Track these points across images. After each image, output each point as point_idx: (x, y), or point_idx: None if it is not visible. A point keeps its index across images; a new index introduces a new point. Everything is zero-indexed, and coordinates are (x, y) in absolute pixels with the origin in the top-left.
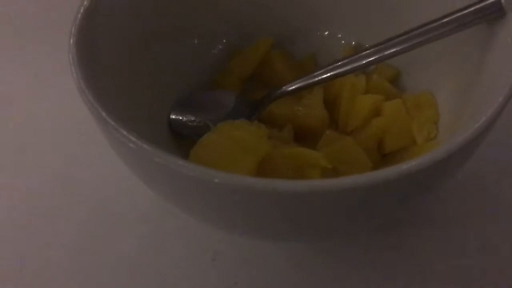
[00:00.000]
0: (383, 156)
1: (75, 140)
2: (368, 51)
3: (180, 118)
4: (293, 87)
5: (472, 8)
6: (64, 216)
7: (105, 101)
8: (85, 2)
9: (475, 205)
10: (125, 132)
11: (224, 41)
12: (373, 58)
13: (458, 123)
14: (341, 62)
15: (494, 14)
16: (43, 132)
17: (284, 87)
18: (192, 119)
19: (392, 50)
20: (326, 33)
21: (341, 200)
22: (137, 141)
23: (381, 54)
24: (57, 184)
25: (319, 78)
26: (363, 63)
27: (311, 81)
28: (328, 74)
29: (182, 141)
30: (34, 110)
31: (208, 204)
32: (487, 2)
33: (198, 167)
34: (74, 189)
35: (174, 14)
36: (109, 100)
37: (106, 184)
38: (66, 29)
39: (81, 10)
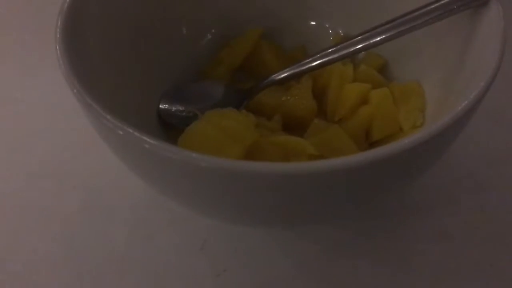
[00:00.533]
0: (370, 144)
1: (64, 131)
2: (355, 39)
3: (169, 108)
4: (282, 76)
5: None
6: (53, 206)
7: (93, 90)
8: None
9: (459, 192)
10: (111, 119)
11: (212, 31)
12: (360, 46)
13: (442, 110)
14: (329, 51)
15: (477, 2)
16: (32, 123)
17: (272, 76)
18: (181, 109)
19: (378, 38)
20: (313, 23)
21: (324, 181)
22: (124, 127)
23: (368, 42)
24: (46, 175)
25: (307, 66)
26: (351, 51)
27: (299, 69)
28: (316, 62)
29: (171, 131)
30: (23, 103)
31: (196, 189)
32: None
33: (185, 152)
34: (64, 180)
35: (162, 5)
36: (96, 89)
37: (95, 174)
38: (53, 20)
39: (67, 1)
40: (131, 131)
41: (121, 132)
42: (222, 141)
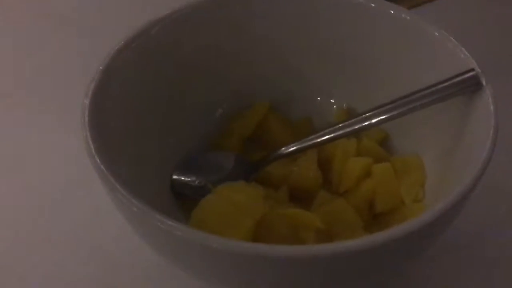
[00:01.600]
0: (374, 216)
1: (79, 199)
2: (358, 118)
3: (182, 178)
4: (290, 150)
5: (452, 81)
6: (67, 275)
7: (113, 165)
8: (97, 75)
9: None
10: (132, 198)
11: (224, 106)
12: (362, 124)
13: (442, 187)
14: (334, 128)
15: (472, 87)
16: (47, 189)
17: (280, 150)
18: (193, 179)
19: (380, 118)
20: (318, 98)
21: (329, 264)
22: (142, 206)
23: (370, 121)
24: (61, 242)
25: (314, 141)
26: (354, 129)
27: (306, 144)
28: (322, 139)
29: (184, 200)
30: (43, 168)
31: (208, 266)
32: (466, 75)
33: (197, 233)
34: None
35: (178, 83)
36: (116, 163)
37: (110, 240)
38: (77, 92)
39: (94, 79)
40: (145, 208)
41: (136, 210)
42: (234, 215)
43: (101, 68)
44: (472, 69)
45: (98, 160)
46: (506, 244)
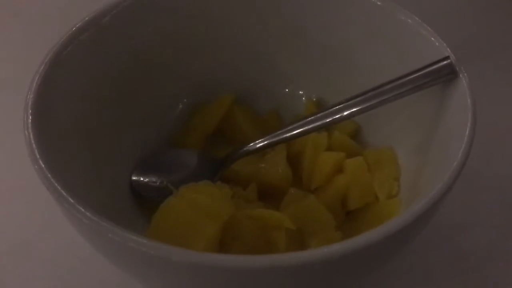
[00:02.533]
0: (347, 213)
1: (31, 205)
2: (329, 111)
3: (142, 179)
4: (257, 146)
5: (426, 70)
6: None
7: (59, 169)
8: (41, 68)
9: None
10: (80, 207)
11: (185, 100)
12: (334, 117)
13: (419, 181)
14: (303, 122)
15: (447, 76)
16: None
17: (247, 146)
18: (154, 180)
19: (352, 110)
20: (286, 90)
21: (298, 273)
22: (91, 216)
23: (341, 114)
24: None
25: (283, 136)
26: (325, 122)
27: (274, 139)
28: (292, 133)
29: (144, 202)
30: None
31: (169, 280)
32: (441, 64)
33: (154, 244)
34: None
35: (133, 76)
36: (63, 166)
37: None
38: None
39: (37, 77)
40: (95, 219)
41: (86, 221)
42: (198, 220)
43: (46, 60)
44: (447, 57)
45: (42, 164)
46: (480, 237)
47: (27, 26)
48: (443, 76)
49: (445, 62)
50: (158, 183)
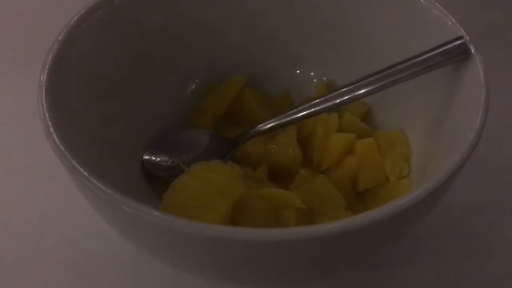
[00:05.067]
0: (357, 193)
1: (43, 181)
2: (340, 91)
3: (153, 158)
4: (267, 126)
5: (439, 50)
6: (34, 260)
7: (74, 145)
8: (55, 46)
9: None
10: (94, 180)
11: (197, 80)
12: (345, 98)
13: (430, 163)
14: (314, 102)
15: (460, 56)
16: (9, 173)
17: (258, 127)
18: (165, 159)
19: (363, 90)
20: (298, 71)
21: (310, 247)
22: (106, 189)
23: (352, 94)
24: (26, 230)
25: (293, 117)
26: (336, 103)
27: (285, 120)
28: (302, 114)
29: (155, 182)
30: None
31: (181, 253)
32: (454, 44)
33: (167, 217)
34: (45, 233)
35: (146, 56)
36: (78, 143)
37: (77, 226)
38: (35, 70)
39: (51, 55)
40: (110, 191)
41: (102, 195)
42: (209, 197)
43: (60, 38)
44: (460, 37)
45: (57, 140)
46: (492, 220)
47: (40, 4)
48: (456, 56)
49: (458, 42)
50: (169, 163)
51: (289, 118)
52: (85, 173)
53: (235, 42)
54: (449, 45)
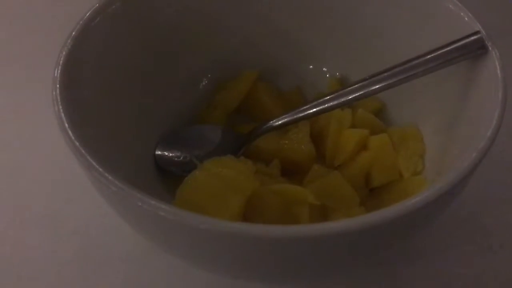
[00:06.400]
0: (370, 190)
1: (56, 178)
2: (353, 87)
3: (166, 154)
4: (280, 122)
5: (456, 45)
6: (47, 255)
7: (88, 140)
8: (69, 42)
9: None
10: (109, 176)
11: (209, 75)
12: (358, 93)
13: (445, 159)
14: (327, 98)
15: (477, 51)
16: (23, 169)
17: (271, 122)
18: (178, 155)
19: (377, 86)
20: (311, 66)
21: (325, 244)
22: (121, 185)
23: (366, 90)
24: (40, 223)
25: (306, 113)
26: (349, 99)
27: (298, 116)
28: (315, 109)
29: (168, 177)
30: (13, 146)
31: (193, 248)
32: (471, 39)
33: (182, 212)
34: (58, 228)
35: (158, 51)
36: (91, 139)
37: (90, 220)
38: (50, 65)
39: (65, 50)
40: (124, 187)
41: (115, 189)
42: (222, 193)
43: (73, 33)
44: (477, 32)
45: (72, 136)
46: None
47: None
48: (473, 51)
49: (475, 37)
50: (181, 158)
51: (302, 114)
52: (100, 169)
53: (248, 38)
54: (466, 40)
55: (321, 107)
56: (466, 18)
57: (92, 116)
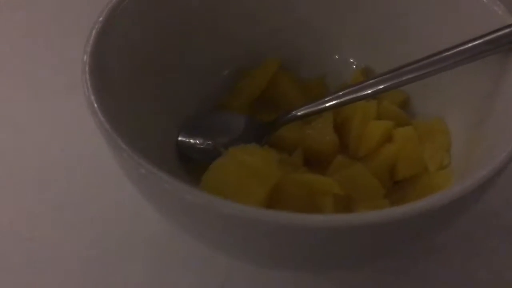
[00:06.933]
0: (394, 182)
1: (81, 160)
2: (379, 78)
3: (188, 140)
4: (303, 112)
5: (485, 38)
6: (69, 238)
7: (117, 124)
8: (97, 25)
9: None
10: (137, 158)
11: (232, 63)
12: (384, 85)
13: (472, 155)
14: (352, 89)
15: (507, 45)
16: (46, 154)
17: (294, 112)
18: (201, 141)
19: (404, 78)
20: (336, 56)
21: (349, 235)
22: (149, 167)
23: (392, 82)
24: (63, 206)
25: (331, 103)
26: (375, 90)
27: (322, 106)
28: (339, 100)
29: (190, 164)
30: (38, 132)
31: (218, 233)
32: (501, 32)
33: (207, 196)
34: (80, 212)
35: (183, 39)
36: (120, 122)
37: (111, 205)
38: (75, 48)
39: (93, 33)
40: (153, 169)
41: (143, 171)
42: (247, 180)
43: (101, 17)
44: (510, 25)
45: (102, 118)
46: None
47: None
48: (504, 44)
49: (507, 30)
50: (204, 145)
51: (326, 104)
52: (129, 150)
53: (272, 26)
54: (497, 33)
55: (346, 97)
56: (499, 12)
57: (119, 99)
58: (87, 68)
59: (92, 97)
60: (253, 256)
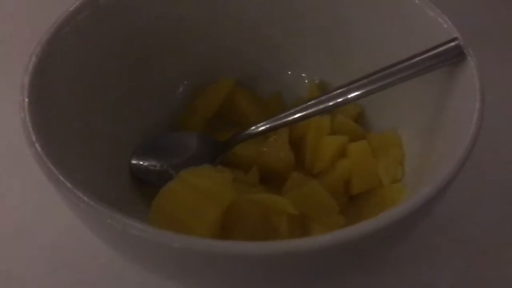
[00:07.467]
0: (350, 197)
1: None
2: (332, 94)
3: (142, 163)
4: (259, 129)
5: (433, 52)
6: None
7: (58, 154)
8: (38, 49)
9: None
10: (78, 192)
11: (186, 82)
12: (338, 100)
13: (424, 166)
14: (307, 105)
15: (455, 58)
16: None
17: (250, 129)
18: (154, 164)
19: (356, 93)
20: (289, 72)
21: (303, 259)
22: (91, 202)
23: (345, 97)
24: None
25: (286, 120)
26: (329, 105)
27: (277, 123)
28: (295, 116)
29: (144, 186)
30: None
31: (170, 266)
32: (448, 46)
33: (154, 231)
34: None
35: (132, 58)
36: (61, 151)
37: (64, 235)
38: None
39: (33, 58)
40: (95, 205)
41: (84, 206)
42: (199, 204)
43: (42, 41)
44: (455, 38)
45: (39, 149)
46: (486, 222)
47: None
48: (451, 58)
49: (453, 43)
50: (158, 167)
51: (281, 121)
52: (68, 184)
53: (226, 43)
54: (444, 47)
55: (301, 114)
56: (445, 25)
57: (62, 126)
58: (26, 91)
59: (30, 125)
60: (206, 284)
